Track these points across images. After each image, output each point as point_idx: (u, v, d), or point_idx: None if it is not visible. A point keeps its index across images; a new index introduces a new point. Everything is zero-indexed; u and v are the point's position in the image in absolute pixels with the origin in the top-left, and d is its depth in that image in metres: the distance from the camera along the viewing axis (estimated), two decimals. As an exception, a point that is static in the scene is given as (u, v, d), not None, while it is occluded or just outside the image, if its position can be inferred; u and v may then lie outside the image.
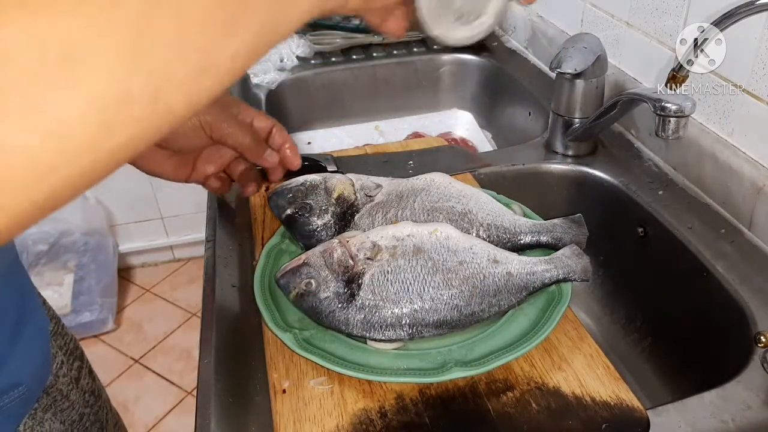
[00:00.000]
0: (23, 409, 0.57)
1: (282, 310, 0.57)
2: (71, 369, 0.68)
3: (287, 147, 0.69)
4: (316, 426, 0.48)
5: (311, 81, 1.17)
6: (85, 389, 0.70)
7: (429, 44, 1.26)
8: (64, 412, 0.64)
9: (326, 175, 0.66)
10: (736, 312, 0.62)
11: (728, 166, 0.71)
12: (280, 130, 0.69)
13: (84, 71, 0.21)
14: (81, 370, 0.70)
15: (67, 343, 0.69)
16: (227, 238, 0.73)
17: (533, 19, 1.15)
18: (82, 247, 2.03)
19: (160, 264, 2.26)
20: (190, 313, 2.06)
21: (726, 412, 0.51)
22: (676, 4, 0.78)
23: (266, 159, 0.67)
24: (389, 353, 0.53)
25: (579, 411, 0.49)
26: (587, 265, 0.58)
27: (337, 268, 0.54)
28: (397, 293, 0.53)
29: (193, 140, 0.63)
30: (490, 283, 0.54)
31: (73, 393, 0.66)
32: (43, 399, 0.60)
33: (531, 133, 1.00)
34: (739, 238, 0.70)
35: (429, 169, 0.78)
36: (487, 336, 0.54)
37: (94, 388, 0.72)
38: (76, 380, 0.68)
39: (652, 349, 0.78)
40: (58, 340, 0.67)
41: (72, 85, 0.21)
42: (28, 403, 0.58)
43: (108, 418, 0.75)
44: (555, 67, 0.82)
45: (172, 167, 0.66)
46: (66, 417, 0.64)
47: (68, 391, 0.66)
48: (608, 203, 0.82)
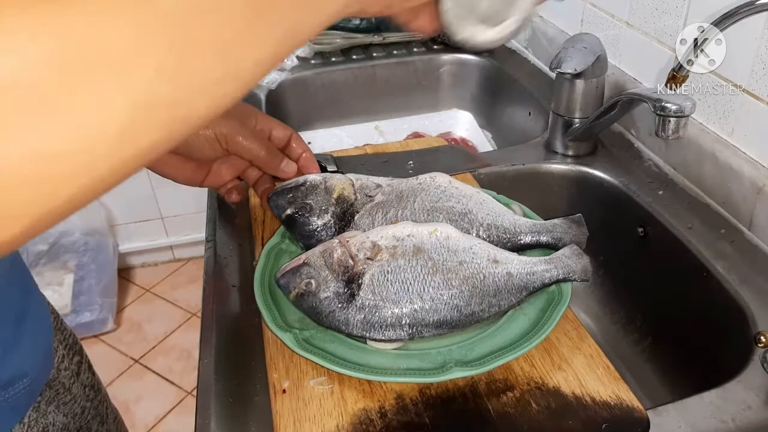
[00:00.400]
0: (28, 400, 0.57)
1: (282, 310, 0.57)
2: (72, 363, 0.68)
3: (305, 156, 0.70)
4: (316, 426, 0.48)
5: (311, 81, 1.17)
6: (85, 383, 0.70)
7: (429, 44, 1.26)
8: (67, 405, 0.64)
9: (326, 175, 0.66)
10: (736, 312, 0.62)
11: (728, 166, 0.71)
12: (297, 140, 0.70)
13: (119, 75, 0.21)
14: (81, 364, 0.70)
15: (67, 338, 0.69)
16: (227, 238, 0.73)
17: (533, 19, 1.15)
18: (82, 247, 2.03)
19: (160, 264, 2.26)
20: (190, 313, 2.06)
21: (726, 412, 0.51)
22: (676, 4, 0.78)
23: (283, 170, 0.68)
24: (389, 353, 0.53)
25: (579, 411, 0.49)
26: (587, 264, 0.57)
27: (337, 268, 0.54)
28: (397, 293, 0.53)
29: (208, 152, 0.64)
30: (490, 283, 0.54)
31: (74, 386, 0.67)
32: (46, 392, 0.60)
33: (531, 133, 1.00)
34: (739, 238, 0.70)
35: (429, 169, 0.77)
36: (487, 336, 0.54)
37: (93, 382, 0.73)
38: (76, 374, 0.68)
39: (652, 349, 0.78)
40: (58, 335, 0.67)
41: (105, 89, 0.21)
42: (33, 395, 0.58)
43: (108, 413, 0.75)
44: (555, 67, 0.82)
45: (187, 172, 0.67)
46: (68, 410, 0.64)
47: (70, 384, 0.66)
48: (608, 203, 0.82)
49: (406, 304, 0.53)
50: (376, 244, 0.55)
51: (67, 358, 0.67)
